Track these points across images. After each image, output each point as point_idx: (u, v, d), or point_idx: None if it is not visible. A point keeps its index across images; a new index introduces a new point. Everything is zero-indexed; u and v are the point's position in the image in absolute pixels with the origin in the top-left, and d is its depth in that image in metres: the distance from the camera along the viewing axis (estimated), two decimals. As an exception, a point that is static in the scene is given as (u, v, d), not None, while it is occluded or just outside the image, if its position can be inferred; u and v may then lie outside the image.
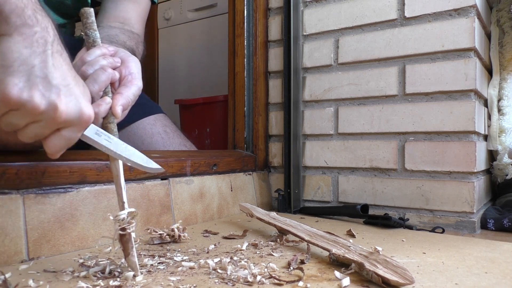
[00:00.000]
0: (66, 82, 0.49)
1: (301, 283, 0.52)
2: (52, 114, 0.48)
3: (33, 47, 0.47)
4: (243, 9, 1.23)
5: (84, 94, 0.52)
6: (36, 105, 0.46)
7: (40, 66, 0.47)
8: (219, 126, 1.48)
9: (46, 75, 0.47)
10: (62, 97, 0.48)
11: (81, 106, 0.50)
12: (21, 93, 0.45)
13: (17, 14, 0.46)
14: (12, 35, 0.46)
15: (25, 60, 0.46)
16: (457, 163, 0.94)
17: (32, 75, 0.46)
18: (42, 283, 0.52)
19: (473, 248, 0.71)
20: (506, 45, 1.17)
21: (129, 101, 0.63)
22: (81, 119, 0.51)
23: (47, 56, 0.48)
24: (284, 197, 1.15)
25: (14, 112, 0.47)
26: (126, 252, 0.54)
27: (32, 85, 0.46)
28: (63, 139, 0.52)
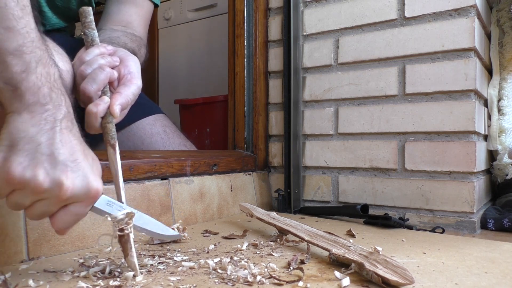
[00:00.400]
0: (73, 158, 0.49)
1: (301, 283, 0.52)
2: (57, 191, 0.47)
3: (41, 125, 0.47)
4: (243, 9, 1.23)
5: (93, 168, 0.52)
6: (39, 183, 0.46)
7: (46, 143, 0.47)
8: (219, 126, 1.48)
9: (52, 152, 0.47)
10: (68, 173, 0.47)
11: (89, 181, 0.49)
12: (24, 172, 0.45)
13: (32, 92, 0.46)
14: (21, 113, 0.46)
15: (31, 139, 0.46)
16: (457, 163, 0.94)
17: (37, 153, 0.46)
18: (42, 283, 0.52)
19: (473, 248, 0.71)
20: (506, 45, 1.17)
21: (128, 101, 0.62)
22: (88, 194, 0.50)
23: (55, 133, 0.47)
24: (284, 197, 1.15)
25: (18, 192, 0.47)
26: (125, 253, 0.54)
27: (36, 163, 0.46)
28: (71, 215, 0.50)
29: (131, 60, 0.67)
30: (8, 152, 0.45)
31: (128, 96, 0.62)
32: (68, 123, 0.50)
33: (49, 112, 0.48)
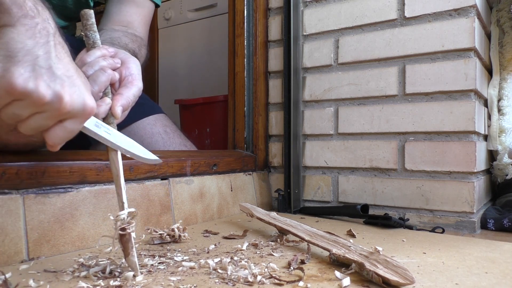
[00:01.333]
0: (69, 73, 0.49)
1: (302, 283, 0.52)
2: (57, 105, 0.47)
3: (36, 38, 0.47)
4: (243, 9, 1.23)
5: (86, 86, 0.52)
6: (41, 95, 0.46)
7: (44, 56, 0.47)
8: (219, 126, 1.48)
9: (50, 66, 0.47)
10: (66, 88, 0.48)
11: (85, 97, 0.50)
12: (26, 83, 0.45)
13: (19, 5, 0.46)
14: (15, 25, 0.46)
15: (29, 51, 0.46)
16: (457, 163, 0.94)
17: (36, 66, 0.46)
18: (42, 283, 0.52)
19: (474, 248, 0.71)
20: (506, 45, 1.17)
21: (129, 102, 0.63)
22: (84, 110, 0.50)
23: (50, 47, 0.48)
24: (284, 197, 1.15)
25: (17, 102, 0.46)
26: (126, 252, 0.54)
27: (37, 76, 0.46)
28: (65, 131, 0.51)
29: (132, 62, 0.67)
30: (7, 62, 0.45)
31: (129, 97, 0.63)
32: (59, 38, 0.50)
33: (41, 25, 0.48)
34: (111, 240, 0.54)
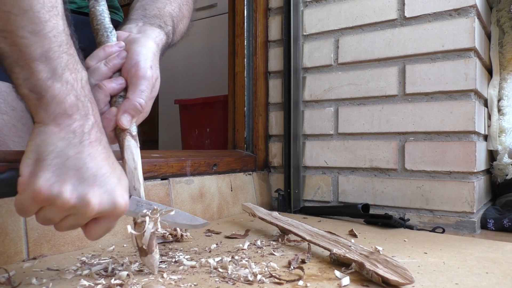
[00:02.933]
0: (102, 172, 0.47)
1: (301, 282, 0.52)
2: (84, 208, 0.46)
3: (69, 138, 0.45)
4: (243, 9, 1.23)
5: (121, 181, 0.50)
6: (66, 200, 0.44)
7: (74, 157, 0.45)
8: (219, 126, 1.48)
9: (80, 167, 0.45)
10: (95, 189, 0.46)
11: (115, 196, 0.48)
12: (52, 188, 0.44)
13: (58, 102, 0.44)
14: (49, 125, 0.45)
15: (59, 153, 0.44)
16: (457, 163, 0.94)
17: (65, 168, 0.45)
18: (45, 281, 0.52)
19: (475, 248, 0.71)
20: (506, 45, 1.17)
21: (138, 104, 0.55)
22: (114, 211, 0.49)
23: (84, 147, 0.46)
24: (284, 197, 1.15)
25: (47, 208, 0.45)
26: (150, 249, 0.53)
27: (64, 179, 0.44)
28: (102, 228, 0.50)
29: (140, 44, 0.58)
30: (36, 166, 0.44)
31: (137, 100, 0.55)
32: (97, 134, 0.48)
33: (77, 123, 0.46)
34: (112, 240, 0.54)
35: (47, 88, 0.44)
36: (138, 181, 0.55)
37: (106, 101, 0.56)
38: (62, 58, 0.45)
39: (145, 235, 0.52)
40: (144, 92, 0.56)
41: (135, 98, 0.55)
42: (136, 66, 0.56)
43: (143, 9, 0.67)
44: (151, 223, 0.52)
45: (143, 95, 0.56)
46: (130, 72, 0.56)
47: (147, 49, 0.58)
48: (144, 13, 0.66)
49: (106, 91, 0.55)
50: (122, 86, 0.56)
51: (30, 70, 0.43)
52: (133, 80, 0.56)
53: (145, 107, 0.57)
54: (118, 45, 0.58)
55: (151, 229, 0.52)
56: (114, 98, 0.56)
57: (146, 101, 0.56)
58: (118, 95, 0.56)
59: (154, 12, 0.67)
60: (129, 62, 0.57)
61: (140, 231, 0.52)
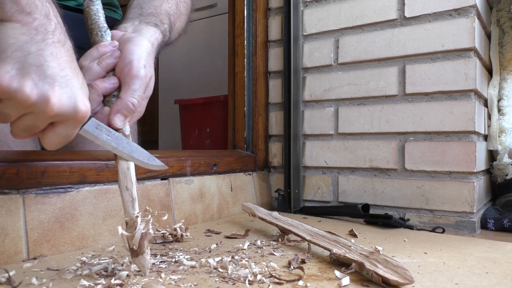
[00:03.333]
0: (63, 73, 0.46)
1: (301, 282, 0.52)
2: (43, 106, 0.44)
3: (31, 34, 0.44)
4: (243, 9, 1.23)
5: (83, 87, 0.49)
6: (26, 95, 0.43)
7: (36, 54, 0.44)
8: (219, 126, 1.48)
9: (41, 64, 0.44)
10: (56, 89, 0.44)
11: (76, 100, 0.46)
12: (11, 81, 0.42)
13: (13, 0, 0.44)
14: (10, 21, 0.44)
15: (21, 47, 0.43)
16: (457, 163, 0.94)
17: (26, 63, 0.43)
18: (45, 281, 0.52)
19: (475, 248, 0.71)
20: (506, 45, 1.17)
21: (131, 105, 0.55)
22: (76, 114, 0.47)
23: (46, 45, 0.45)
24: (284, 197, 1.15)
25: (4, 101, 0.44)
26: (140, 250, 0.52)
27: (25, 74, 0.43)
28: (59, 136, 0.48)
29: (133, 43, 0.58)
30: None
31: (129, 100, 0.55)
32: (60, 36, 0.47)
33: (38, 22, 0.45)
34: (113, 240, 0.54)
35: None
36: (130, 181, 0.54)
37: (98, 101, 0.56)
38: None
39: (136, 236, 0.51)
40: (137, 92, 0.56)
41: (127, 97, 0.55)
42: (129, 65, 0.56)
43: (140, 8, 0.67)
44: (142, 224, 0.52)
45: (136, 95, 0.56)
46: (123, 71, 0.56)
47: (141, 48, 0.58)
48: (141, 12, 0.66)
49: (98, 91, 0.55)
50: (115, 86, 0.56)
51: None
52: (126, 80, 0.56)
53: (138, 107, 0.56)
54: (112, 44, 0.58)
55: (142, 230, 0.52)
56: (107, 98, 0.56)
57: (139, 100, 0.56)
58: (111, 94, 0.56)
59: (150, 10, 0.67)
60: (123, 61, 0.56)
61: (131, 232, 0.51)
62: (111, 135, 0.54)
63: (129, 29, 0.62)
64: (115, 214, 0.75)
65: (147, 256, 0.53)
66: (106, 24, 0.60)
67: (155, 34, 0.63)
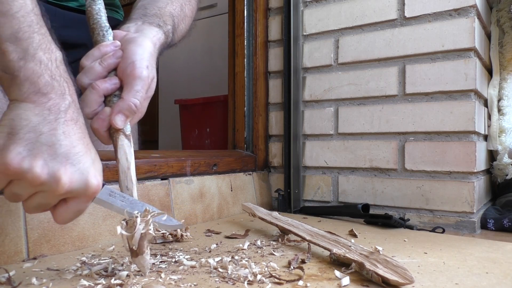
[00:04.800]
0: (75, 150, 0.46)
1: (301, 282, 0.52)
2: (54, 185, 0.45)
3: (44, 115, 0.45)
4: (243, 9, 1.23)
5: (94, 163, 0.49)
6: (36, 175, 0.43)
7: (48, 133, 0.45)
8: (219, 126, 1.48)
9: (53, 143, 0.45)
10: (67, 167, 0.45)
11: (88, 176, 0.47)
12: (22, 162, 0.43)
13: (32, 82, 0.44)
14: (24, 101, 0.44)
15: (33, 128, 0.44)
16: (457, 163, 0.94)
17: (38, 143, 0.44)
18: (45, 281, 0.52)
19: (475, 248, 0.71)
20: (506, 45, 1.17)
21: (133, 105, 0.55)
22: (86, 191, 0.48)
23: (58, 124, 0.45)
24: (284, 197, 1.15)
25: (16, 182, 0.45)
26: (140, 251, 0.52)
27: (36, 154, 0.44)
28: (71, 211, 0.49)
29: (136, 44, 0.58)
30: (8, 140, 0.43)
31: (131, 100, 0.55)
32: (73, 114, 0.47)
33: (52, 101, 0.45)
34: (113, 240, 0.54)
35: (19, 68, 0.44)
36: (130, 181, 0.54)
37: (99, 102, 0.55)
38: (34, 38, 0.45)
39: (135, 236, 0.51)
40: (139, 93, 0.55)
41: (129, 98, 0.55)
42: (132, 65, 0.56)
43: (144, 8, 0.67)
44: (142, 224, 0.51)
45: (138, 95, 0.55)
46: (126, 71, 0.56)
47: (144, 48, 0.58)
48: (144, 12, 0.66)
49: (99, 91, 0.55)
50: (116, 86, 0.56)
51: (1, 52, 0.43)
52: (128, 80, 0.55)
53: (140, 108, 0.56)
54: (113, 44, 0.58)
55: (142, 230, 0.51)
56: (108, 98, 0.56)
57: (141, 101, 0.56)
58: (112, 94, 0.56)
59: (154, 11, 0.66)
60: (125, 62, 0.56)
61: (131, 232, 0.51)
62: (125, 201, 0.53)
63: (132, 29, 0.62)
64: (115, 214, 0.75)
65: (146, 256, 0.53)
66: (108, 23, 0.60)
67: (158, 35, 0.62)
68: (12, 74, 0.44)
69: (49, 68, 0.46)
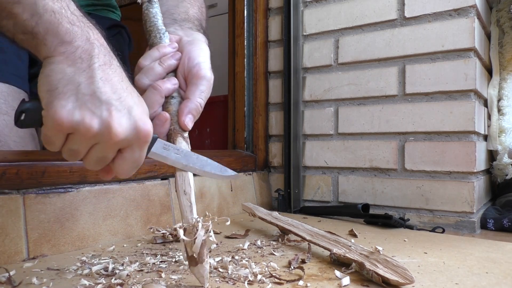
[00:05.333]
0: (116, 96, 0.45)
1: (301, 282, 0.52)
2: (107, 134, 0.44)
3: (77, 64, 0.44)
4: (243, 9, 1.23)
5: (139, 105, 0.47)
6: (87, 125, 0.43)
7: (86, 82, 0.43)
8: (219, 126, 1.48)
9: (94, 91, 0.43)
10: (113, 113, 0.44)
11: (136, 120, 0.46)
12: (71, 115, 0.42)
13: (53, 33, 0.43)
14: (53, 55, 0.43)
15: (70, 79, 0.43)
16: (457, 163, 0.94)
17: (79, 94, 0.43)
18: (45, 280, 0.52)
19: (475, 248, 0.71)
20: (506, 45, 1.17)
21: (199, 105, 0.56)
22: (138, 135, 0.46)
23: (94, 71, 0.44)
24: (284, 197, 1.15)
25: (71, 138, 0.44)
26: (200, 259, 0.49)
27: (81, 105, 0.43)
28: (129, 162, 0.47)
29: (197, 47, 0.59)
30: (49, 97, 0.42)
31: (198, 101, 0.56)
32: (105, 58, 0.46)
33: (80, 49, 0.44)
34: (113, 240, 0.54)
35: (36, 24, 0.43)
36: (188, 185, 0.53)
37: (161, 102, 0.56)
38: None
39: (196, 242, 0.48)
40: (204, 93, 0.57)
41: (196, 98, 0.56)
42: (198, 66, 0.57)
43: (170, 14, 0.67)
44: (203, 230, 0.48)
45: (203, 96, 0.57)
46: (192, 72, 0.57)
47: (205, 51, 0.59)
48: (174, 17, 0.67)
49: (161, 92, 0.55)
50: (175, 87, 0.57)
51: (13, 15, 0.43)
52: (194, 80, 0.56)
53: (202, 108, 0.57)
54: (172, 45, 0.59)
55: (203, 237, 0.48)
56: (167, 99, 0.56)
57: (206, 98, 0.57)
58: (171, 96, 0.56)
59: (182, 17, 0.67)
60: (191, 63, 0.57)
61: (191, 238, 0.48)
62: (179, 153, 0.52)
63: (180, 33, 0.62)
64: (115, 214, 0.75)
65: (206, 265, 0.49)
66: (164, 27, 0.61)
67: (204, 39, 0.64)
68: (31, 33, 0.43)
69: (65, 15, 0.45)
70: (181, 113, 0.55)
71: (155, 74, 0.56)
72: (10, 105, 0.77)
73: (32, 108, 0.44)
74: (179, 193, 0.52)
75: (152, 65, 0.56)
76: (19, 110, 0.44)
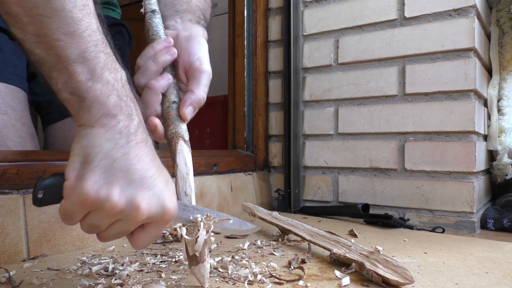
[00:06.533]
0: (149, 174, 0.44)
1: (301, 282, 0.52)
2: (133, 213, 0.43)
3: (115, 139, 0.43)
4: (243, 10, 1.23)
5: (168, 184, 0.47)
6: (114, 203, 0.41)
7: (122, 159, 0.43)
8: (219, 126, 1.48)
9: (128, 168, 0.43)
10: (144, 192, 0.43)
11: (164, 200, 0.45)
12: (99, 191, 0.41)
13: (101, 103, 0.43)
14: (94, 126, 0.43)
15: (107, 154, 0.42)
16: (457, 163, 0.94)
17: (112, 170, 0.42)
18: (45, 280, 0.52)
19: (475, 248, 0.71)
20: (506, 45, 1.17)
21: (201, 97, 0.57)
22: (164, 215, 0.45)
23: (130, 148, 0.43)
24: (284, 197, 1.15)
25: (94, 213, 0.43)
26: (202, 258, 0.49)
27: (112, 181, 0.42)
28: (149, 236, 0.46)
29: (196, 41, 0.59)
30: (82, 169, 0.42)
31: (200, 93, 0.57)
32: (143, 135, 0.46)
33: (122, 123, 0.44)
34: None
35: (88, 89, 0.42)
36: (189, 187, 0.53)
37: (159, 100, 0.56)
38: (100, 58, 0.43)
39: (198, 241, 0.48)
40: (206, 86, 0.58)
41: (199, 91, 0.57)
42: (199, 61, 0.58)
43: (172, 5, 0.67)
44: (205, 229, 0.48)
45: (206, 89, 0.58)
46: (193, 66, 0.58)
47: (203, 46, 0.60)
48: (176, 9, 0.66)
49: (156, 90, 0.56)
50: (169, 82, 0.57)
51: (69, 73, 0.42)
52: (195, 74, 0.57)
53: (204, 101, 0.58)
54: (166, 40, 0.59)
55: (205, 236, 0.48)
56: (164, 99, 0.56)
57: (206, 92, 0.58)
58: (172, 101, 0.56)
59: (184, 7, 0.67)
60: (191, 58, 0.58)
61: (192, 237, 0.48)
62: (199, 212, 0.51)
63: (179, 27, 0.63)
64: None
65: (207, 265, 0.50)
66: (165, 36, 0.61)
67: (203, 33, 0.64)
68: (80, 96, 0.42)
69: (116, 88, 0.44)
70: (183, 104, 0.56)
71: (151, 72, 0.56)
72: (8, 104, 0.77)
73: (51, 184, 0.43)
74: (181, 195, 0.53)
75: (147, 63, 0.57)
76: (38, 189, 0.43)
